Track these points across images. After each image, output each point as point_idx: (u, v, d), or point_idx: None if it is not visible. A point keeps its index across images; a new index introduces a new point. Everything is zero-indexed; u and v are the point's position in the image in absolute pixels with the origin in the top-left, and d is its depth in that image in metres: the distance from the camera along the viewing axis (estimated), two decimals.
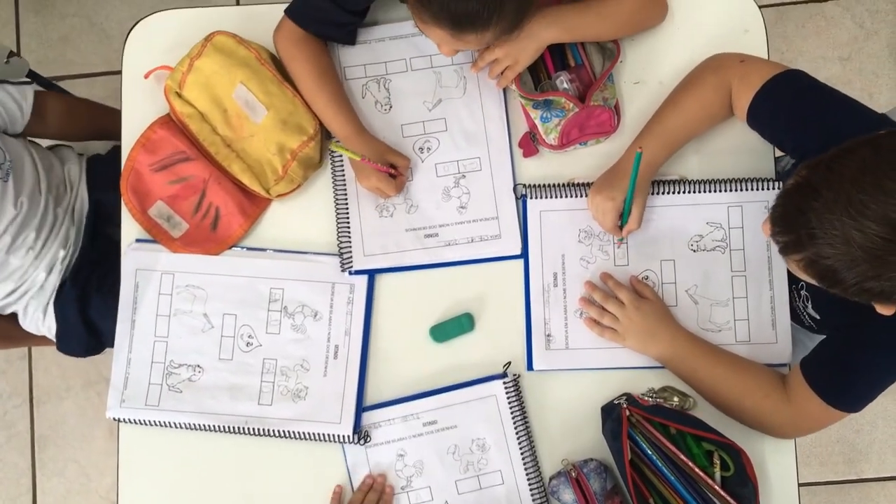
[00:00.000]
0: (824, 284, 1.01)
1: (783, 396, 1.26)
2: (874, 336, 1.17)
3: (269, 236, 1.41)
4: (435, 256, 1.38)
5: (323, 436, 1.34)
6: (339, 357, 1.36)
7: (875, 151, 0.95)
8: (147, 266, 1.39)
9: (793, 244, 1.00)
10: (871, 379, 1.20)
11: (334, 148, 1.35)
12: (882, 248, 0.91)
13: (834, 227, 0.93)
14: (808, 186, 0.97)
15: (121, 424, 1.39)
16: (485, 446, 1.34)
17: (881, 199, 0.91)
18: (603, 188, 1.31)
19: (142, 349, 1.38)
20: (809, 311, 1.31)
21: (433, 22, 1.14)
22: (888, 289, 0.95)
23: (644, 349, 1.33)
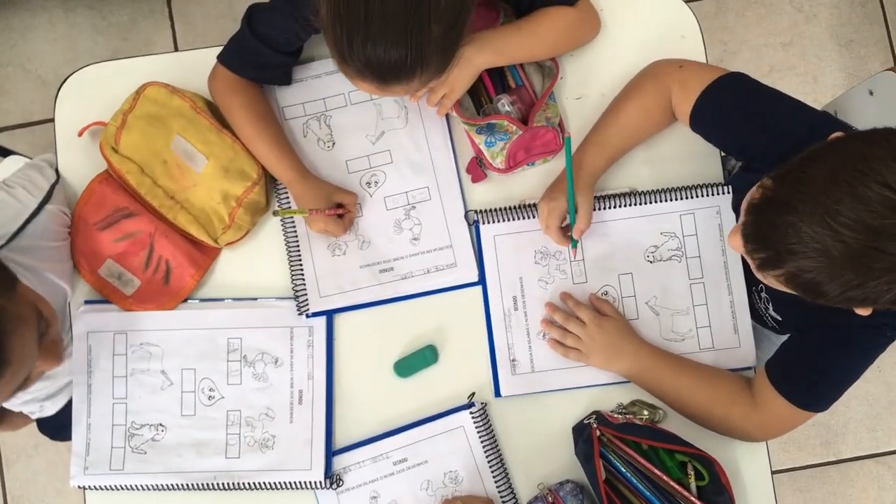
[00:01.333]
0: (808, 297, 0.99)
1: (751, 402, 1.26)
2: (835, 336, 1.17)
3: (222, 285, 1.39)
4: (392, 291, 1.36)
5: (294, 484, 1.32)
6: (304, 402, 1.34)
7: (842, 156, 0.94)
8: (98, 328, 1.36)
9: (771, 260, 0.98)
10: (836, 379, 1.20)
11: (280, 213, 1.33)
12: (865, 255, 0.90)
13: (814, 241, 0.92)
14: (780, 200, 0.96)
15: (87, 493, 1.35)
16: (457, 478, 1.32)
17: (857, 206, 0.90)
18: (547, 193, 1.32)
19: (101, 413, 1.35)
20: (771, 312, 1.31)
21: (359, 76, 1.12)
22: (872, 294, 0.94)
23: (608, 366, 1.32)
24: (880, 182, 0.89)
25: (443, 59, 1.13)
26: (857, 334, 1.15)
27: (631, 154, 1.38)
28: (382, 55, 1.07)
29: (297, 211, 1.31)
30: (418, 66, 1.09)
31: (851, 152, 0.93)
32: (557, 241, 1.32)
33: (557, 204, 1.29)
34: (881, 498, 2.29)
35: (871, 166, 0.90)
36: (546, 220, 1.31)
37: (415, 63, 1.08)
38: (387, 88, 1.13)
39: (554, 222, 1.30)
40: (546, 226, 1.32)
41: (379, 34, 1.05)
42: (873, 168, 0.90)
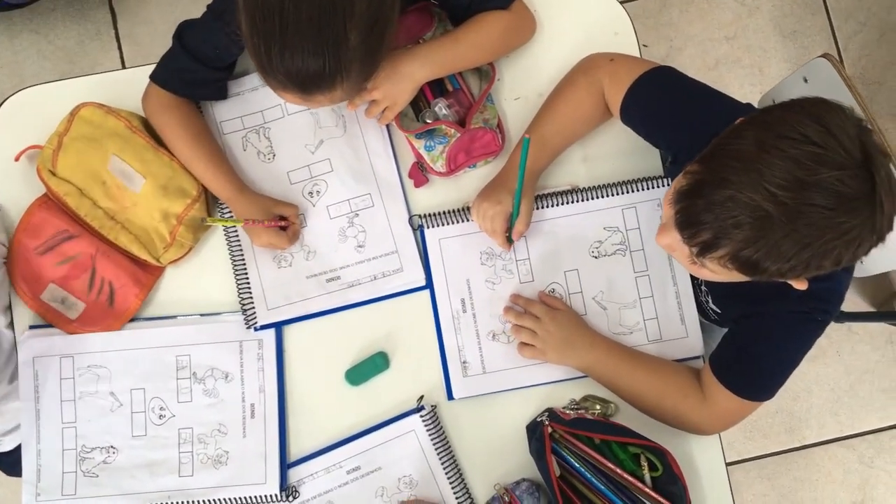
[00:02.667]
0: (748, 274, 1.00)
1: (700, 395, 1.27)
2: (769, 324, 1.18)
3: (168, 303, 1.38)
4: (340, 299, 1.36)
5: (250, 499, 1.31)
6: (257, 416, 1.33)
7: (763, 128, 0.95)
8: (44, 352, 1.34)
9: (711, 243, 0.98)
10: (775, 367, 1.21)
11: (209, 222, 1.32)
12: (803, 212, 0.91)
13: (752, 208, 0.93)
14: (712, 178, 0.97)
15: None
16: (412, 483, 1.32)
17: (788, 165, 0.91)
18: (489, 194, 1.31)
19: (50, 438, 1.33)
20: (711, 305, 1.33)
21: (281, 87, 1.12)
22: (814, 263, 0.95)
23: (564, 360, 1.32)
24: (804, 139, 0.91)
25: (365, 67, 1.13)
26: (790, 320, 1.16)
27: (570, 152, 1.39)
28: (300, 65, 1.07)
29: (228, 220, 1.31)
30: (338, 75, 1.09)
31: (772, 120, 0.95)
32: (502, 244, 1.33)
33: (503, 208, 1.29)
34: (847, 481, 2.31)
35: (793, 127, 0.92)
36: (491, 224, 1.31)
37: (334, 72, 1.08)
38: (310, 99, 1.13)
39: (500, 225, 1.31)
40: (493, 230, 1.32)
41: (295, 44, 1.05)
42: (795, 129, 0.92)
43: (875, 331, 2.35)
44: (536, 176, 1.33)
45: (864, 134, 0.94)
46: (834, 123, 0.92)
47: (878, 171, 0.91)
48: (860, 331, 2.35)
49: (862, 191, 0.91)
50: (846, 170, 0.91)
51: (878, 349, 2.35)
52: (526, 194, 1.28)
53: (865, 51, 2.45)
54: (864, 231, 0.93)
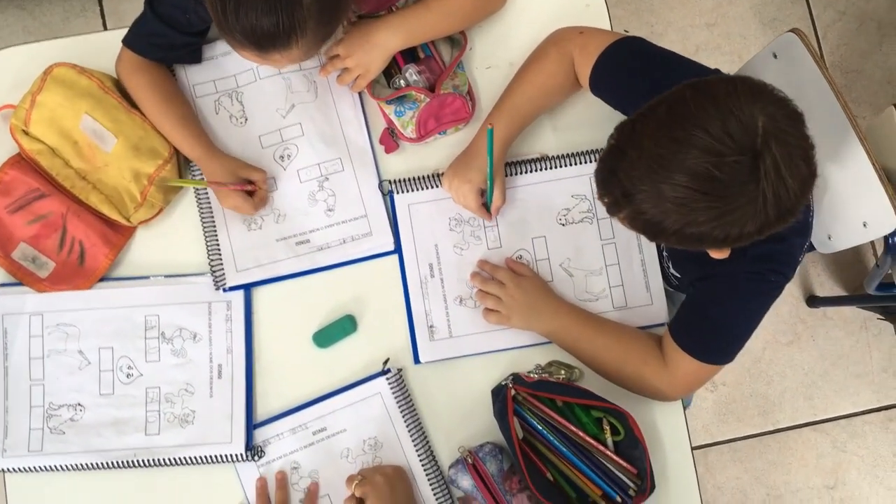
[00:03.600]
0: (650, 237, 1.05)
1: (661, 361, 1.29)
2: (723, 286, 1.20)
3: (138, 263, 1.39)
4: (309, 262, 1.37)
5: (215, 457, 1.32)
6: (224, 376, 1.34)
7: (669, 107, 0.98)
8: (13, 310, 1.35)
9: (614, 204, 1.04)
10: (733, 328, 1.23)
11: (172, 183, 1.33)
12: (687, 195, 0.95)
13: (643, 183, 0.97)
14: (617, 147, 1.01)
15: (6, 475, 1.34)
16: (377, 445, 1.33)
17: (677, 149, 0.94)
18: (458, 171, 1.33)
19: (18, 395, 1.34)
20: (672, 270, 1.34)
21: (240, 45, 1.14)
22: (704, 233, 0.98)
23: (528, 325, 1.34)
24: (699, 126, 0.93)
25: (321, 27, 1.14)
26: (743, 281, 1.18)
27: (540, 122, 1.40)
28: (255, 22, 1.08)
29: (192, 181, 1.32)
30: (293, 34, 1.11)
31: (678, 100, 0.98)
32: (483, 216, 1.36)
33: (473, 186, 1.32)
34: (820, 465, 2.33)
35: (694, 113, 0.94)
36: (465, 199, 1.33)
37: (288, 30, 1.10)
38: (267, 57, 1.15)
39: (473, 201, 1.33)
40: (465, 204, 1.34)
41: (249, 2, 1.07)
42: (695, 114, 0.94)
43: (849, 316, 2.37)
44: (507, 145, 1.34)
45: (776, 117, 0.94)
46: (731, 108, 0.93)
47: (765, 160, 0.92)
48: (834, 316, 2.37)
49: (741, 178, 0.93)
50: (727, 156, 0.92)
51: (853, 335, 2.37)
52: (497, 168, 1.30)
53: (844, 39, 2.47)
54: (744, 214, 0.95)
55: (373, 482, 1.25)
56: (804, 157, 0.95)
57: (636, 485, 1.27)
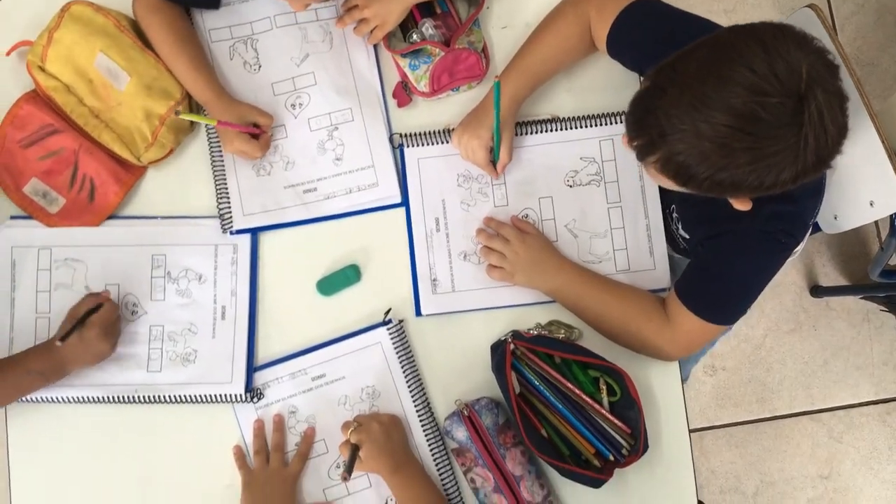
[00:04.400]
0: (679, 182, 1.04)
1: (664, 318, 1.29)
2: (732, 244, 1.20)
3: (147, 203, 1.40)
4: (315, 211, 1.38)
5: (215, 397, 1.33)
6: (227, 318, 1.36)
7: (712, 48, 0.98)
8: (23, 243, 1.36)
9: (647, 146, 1.03)
10: (738, 287, 1.23)
11: (184, 116, 1.33)
12: (728, 135, 0.94)
13: (682, 122, 0.96)
14: (655, 88, 1.01)
15: (7, 407, 1.36)
16: (374, 394, 1.34)
17: (721, 87, 0.94)
18: (468, 127, 1.34)
19: (23, 327, 1.35)
20: (681, 232, 1.35)
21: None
22: (738, 178, 0.98)
23: (531, 282, 1.35)
24: (745, 66, 0.93)
25: None
26: (752, 239, 1.18)
27: (553, 83, 1.41)
28: None
29: (201, 117, 1.32)
30: None
31: (723, 42, 0.98)
32: (490, 173, 1.36)
33: (482, 142, 1.32)
34: (815, 454, 2.34)
35: (738, 52, 0.94)
36: (474, 156, 1.34)
37: None
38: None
39: (482, 157, 1.34)
40: (473, 160, 1.35)
41: None
42: (741, 54, 0.94)
43: (852, 308, 2.37)
44: (518, 104, 1.35)
45: (816, 66, 0.94)
46: (778, 50, 0.94)
47: (810, 104, 0.93)
48: (837, 307, 2.37)
49: (785, 120, 0.93)
50: (772, 97, 0.92)
51: (855, 326, 2.37)
52: (506, 125, 1.31)
53: (861, 32, 2.47)
54: (784, 159, 0.95)
55: (368, 429, 1.26)
56: (841, 107, 0.96)
57: (629, 444, 1.28)
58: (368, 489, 1.33)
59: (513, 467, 1.29)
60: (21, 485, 1.36)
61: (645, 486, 1.33)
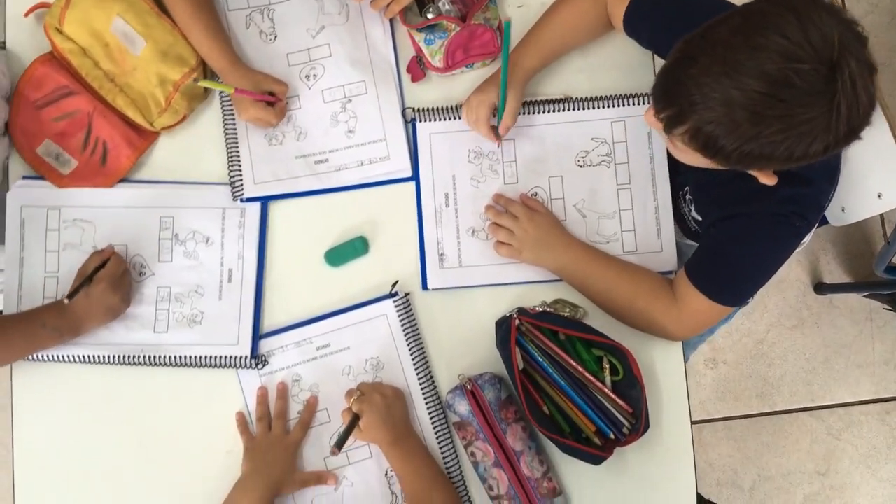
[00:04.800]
0: (708, 154, 1.02)
1: (672, 298, 1.30)
2: (745, 225, 1.21)
3: (158, 168, 1.41)
4: (326, 182, 1.39)
5: (220, 359, 1.34)
6: (234, 281, 1.36)
7: (744, 15, 0.98)
8: (33, 202, 1.37)
9: (675, 117, 1.02)
10: (748, 269, 1.23)
11: (203, 84, 1.34)
12: (760, 102, 0.94)
13: (713, 90, 0.95)
14: (685, 57, 1.00)
15: (13, 366, 1.36)
16: (378, 365, 1.35)
17: (753, 54, 0.93)
18: (477, 89, 1.35)
19: (32, 287, 1.36)
20: (693, 214, 1.35)
21: None
22: (768, 149, 0.97)
23: (539, 260, 1.35)
24: (777, 32, 0.92)
25: None
26: (765, 221, 1.18)
27: (567, 62, 1.41)
28: None
29: (220, 84, 1.33)
30: None
31: (755, 10, 0.97)
32: (486, 134, 1.35)
33: (487, 97, 1.33)
34: (813, 450, 2.34)
35: (771, 20, 0.94)
36: (475, 112, 1.34)
37: None
38: None
39: (483, 113, 1.33)
40: (475, 118, 1.35)
41: None
42: (774, 21, 0.94)
43: (856, 306, 2.37)
44: (528, 76, 1.35)
45: (847, 36, 0.94)
46: (811, 18, 0.93)
47: (843, 72, 0.92)
48: (841, 305, 2.37)
49: (818, 88, 0.93)
50: (806, 63, 0.92)
51: (858, 324, 2.37)
52: (515, 90, 1.31)
53: (874, 32, 2.46)
54: (816, 127, 0.95)
55: (371, 400, 1.27)
56: (872, 77, 0.95)
57: (630, 423, 1.28)
58: (369, 459, 1.34)
59: (513, 442, 1.30)
60: (23, 443, 1.37)
61: (644, 465, 1.34)
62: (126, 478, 1.35)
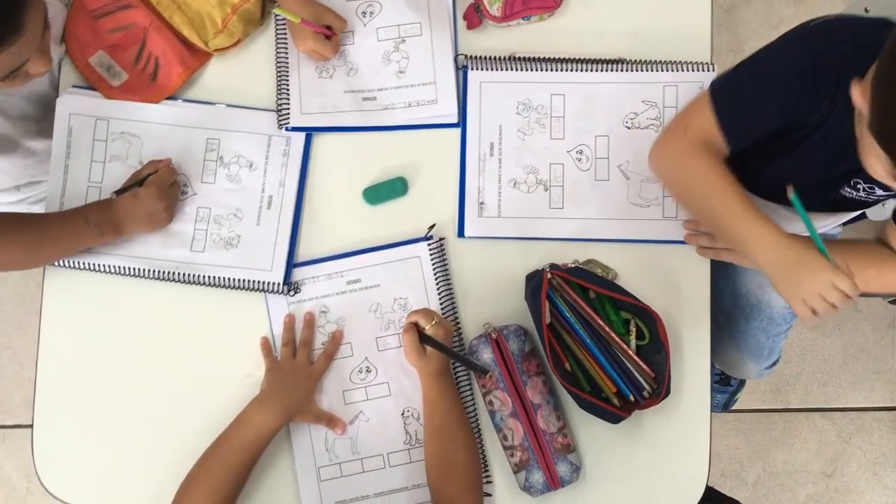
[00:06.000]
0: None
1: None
2: None
3: (207, 90, 1.41)
4: (372, 120, 1.39)
5: (253, 283, 1.35)
6: (273, 207, 1.37)
7: None
8: (81, 111, 1.38)
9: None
10: None
11: (277, 11, 1.35)
12: None
13: None
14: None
15: (46, 270, 1.38)
16: (407, 306, 1.35)
17: None
18: (799, 278, 1.15)
19: (75, 195, 1.37)
20: (878, 193, 1.27)
21: None
22: None
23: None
24: None
25: None
26: None
27: (621, 25, 1.42)
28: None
29: (289, 13, 1.33)
30: None
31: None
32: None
33: (833, 274, 1.13)
34: (821, 451, 2.33)
35: None
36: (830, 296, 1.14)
37: None
38: None
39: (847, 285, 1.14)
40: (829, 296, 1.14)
41: None
42: None
43: (880, 313, 2.36)
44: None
45: None
46: None
47: None
48: (865, 309, 2.36)
49: None
50: None
51: (879, 331, 2.36)
52: None
53: None
54: None
55: (446, 328, 1.27)
56: None
57: (652, 388, 1.28)
58: (388, 398, 1.34)
59: (532, 395, 1.30)
60: (49, 350, 1.38)
61: (660, 431, 1.34)
62: (144, 389, 1.37)
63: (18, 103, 1.36)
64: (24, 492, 2.27)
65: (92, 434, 1.36)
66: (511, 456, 1.31)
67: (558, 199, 1.38)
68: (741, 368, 1.73)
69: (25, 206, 1.60)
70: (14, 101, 1.35)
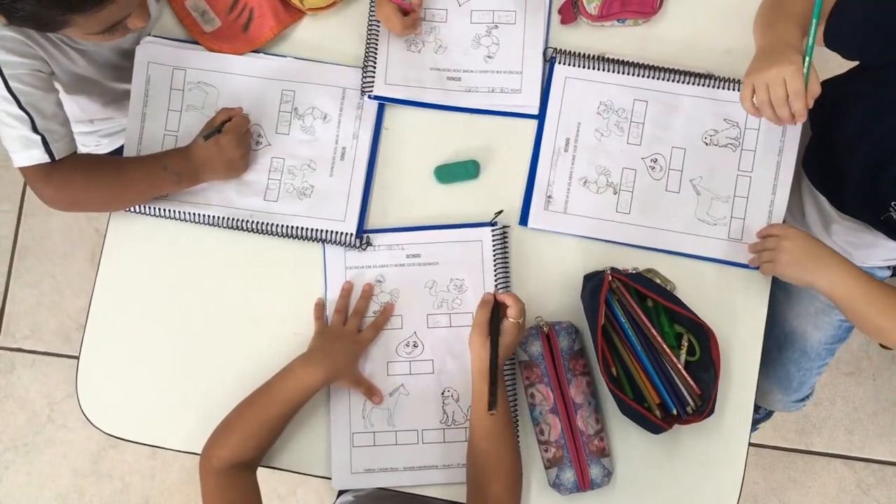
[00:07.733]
0: None
1: None
2: None
3: (295, 48, 1.42)
4: (453, 100, 1.39)
5: (326, 233, 1.35)
6: (346, 159, 1.38)
7: None
8: (160, 60, 1.39)
9: None
10: None
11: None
12: None
13: None
14: None
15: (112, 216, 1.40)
16: (462, 287, 1.36)
17: None
18: (772, 60, 1.18)
19: (151, 142, 1.38)
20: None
21: None
22: None
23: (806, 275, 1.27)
24: None
25: None
26: None
27: (714, 41, 1.41)
28: None
29: None
30: None
31: None
32: (801, 112, 1.17)
33: (798, 67, 1.16)
34: (838, 498, 2.31)
35: None
36: (794, 85, 1.15)
37: None
38: None
39: (802, 85, 1.16)
40: (796, 91, 1.16)
41: None
42: None
43: None
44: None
45: None
46: None
47: None
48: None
49: None
50: None
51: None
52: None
53: None
54: None
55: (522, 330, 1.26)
56: None
57: (696, 405, 1.28)
58: (430, 375, 1.35)
59: (575, 394, 1.30)
60: (106, 284, 1.40)
61: (696, 449, 1.33)
62: (194, 332, 1.38)
63: (106, 52, 1.38)
64: (45, 418, 2.31)
65: (137, 369, 1.38)
66: (545, 451, 1.31)
67: (626, 204, 1.38)
68: (767, 397, 1.71)
69: (96, 137, 1.62)
70: (103, 51, 1.37)
